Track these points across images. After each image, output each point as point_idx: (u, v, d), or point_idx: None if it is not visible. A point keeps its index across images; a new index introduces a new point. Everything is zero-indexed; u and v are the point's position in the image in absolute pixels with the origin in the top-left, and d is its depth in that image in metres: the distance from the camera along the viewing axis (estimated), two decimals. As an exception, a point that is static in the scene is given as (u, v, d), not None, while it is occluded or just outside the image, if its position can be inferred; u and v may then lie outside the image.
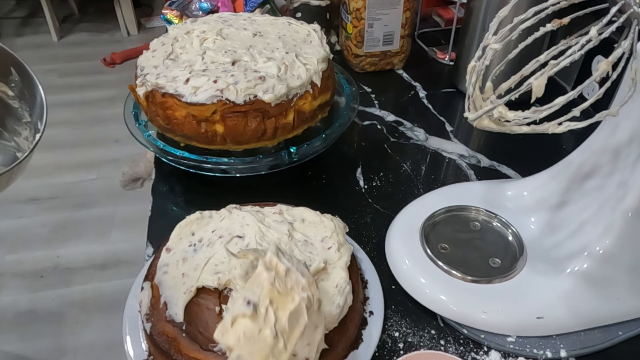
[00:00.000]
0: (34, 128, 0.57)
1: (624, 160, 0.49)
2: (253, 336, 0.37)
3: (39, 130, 0.55)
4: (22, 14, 3.13)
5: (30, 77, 0.56)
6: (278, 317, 0.38)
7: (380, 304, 0.52)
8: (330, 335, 0.44)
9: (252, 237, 0.50)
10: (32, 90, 0.57)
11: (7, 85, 0.57)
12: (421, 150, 0.76)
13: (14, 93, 0.57)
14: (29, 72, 0.56)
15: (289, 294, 0.39)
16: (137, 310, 0.49)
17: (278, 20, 0.73)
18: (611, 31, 0.37)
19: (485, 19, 0.78)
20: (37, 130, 0.56)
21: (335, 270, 0.48)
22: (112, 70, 2.64)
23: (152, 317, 0.46)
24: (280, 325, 0.38)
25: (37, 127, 0.56)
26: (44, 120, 0.55)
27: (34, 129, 0.57)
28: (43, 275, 1.63)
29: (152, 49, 0.67)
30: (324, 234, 0.52)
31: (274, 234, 0.51)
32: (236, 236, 0.50)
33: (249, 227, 0.51)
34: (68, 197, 1.89)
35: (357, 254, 0.56)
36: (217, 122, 0.60)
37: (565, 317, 0.50)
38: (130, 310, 0.51)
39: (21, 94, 0.57)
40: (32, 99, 0.57)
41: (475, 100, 0.45)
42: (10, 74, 0.56)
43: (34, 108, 0.57)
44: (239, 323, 0.37)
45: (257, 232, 0.50)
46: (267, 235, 0.50)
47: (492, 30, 0.43)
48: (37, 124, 0.56)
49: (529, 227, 0.57)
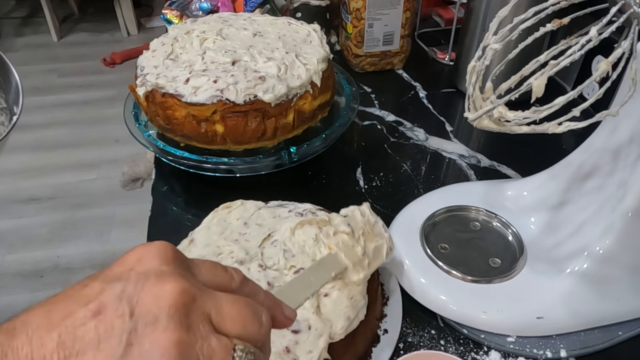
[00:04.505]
0: (10, 112, 0.57)
1: (624, 160, 0.49)
2: (348, 246, 0.44)
3: (15, 113, 0.56)
4: (22, 14, 3.13)
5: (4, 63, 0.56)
6: (367, 245, 0.46)
7: (397, 323, 0.51)
8: (336, 347, 0.44)
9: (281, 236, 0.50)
10: (7, 75, 0.57)
11: None
12: (421, 150, 0.76)
13: None
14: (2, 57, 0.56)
15: (375, 235, 0.47)
16: None
17: (278, 20, 0.73)
18: (611, 31, 0.37)
19: (485, 19, 0.78)
20: (14, 114, 0.56)
21: None
22: (112, 70, 2.64)
23: None
24: (368, 250, 0.45)
25: (12, 111, 0.56)
26: (20, 104, 0.56)
27: (10, 113, 0.57)
28: (43, 275, 1.63)
29: (152, 49, 0.67)
30: None
31: (300, 235, 0.50)
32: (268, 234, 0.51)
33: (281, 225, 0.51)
34: (68, 197, 1.89)
35: (384, 270, 0.55)
36: (217, 122, 0.60)
37: (565, 317, 0.50)
38: None
39: None
40: (7, 85, 0.57)
41: (475, 100, 0.45)
42: None
43: (9, 93, 0.57)
44: (338, 235, 0.45)
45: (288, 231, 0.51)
46: (295, 236, 0.50)
47: (492, 30, 0.43)
48: (13, 108, 0.57)
49: (529, 227, 0.57)
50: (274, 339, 0.42)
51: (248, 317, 0.27)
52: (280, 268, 0.48)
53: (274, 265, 0.48)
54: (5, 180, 1.92)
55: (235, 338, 0.26)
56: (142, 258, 0.26)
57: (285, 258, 0.48)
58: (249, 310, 0.28)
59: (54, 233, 1.76)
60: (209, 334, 0.25)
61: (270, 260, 0.49)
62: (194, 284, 0.26)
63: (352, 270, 0.43)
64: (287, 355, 0.42)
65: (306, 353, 0.42)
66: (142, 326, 0.24)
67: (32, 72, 2.53)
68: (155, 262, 0.26)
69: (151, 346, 0.23)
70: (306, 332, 0.43)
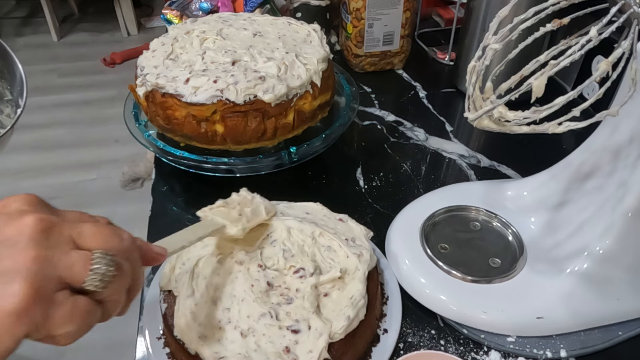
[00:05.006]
0: (15, 105, 0.58)
1: (624, 160, 0.49)
2: (223, 212, 0.49)
3: (20, 106, 0.56)
4: (22, 14, 3.13)
5: (8, 55, 0.57)
6: (243, 210, 0.50)
7: (397, 322, 0.51)
8: (336, 347, 0.44)
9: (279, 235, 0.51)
10: (12, 68, 0.57)
11: None
12: (421, 150, 0.76)
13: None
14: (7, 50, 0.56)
15: (253, 204, 0.51)
16: None
17: (278, 20, 0.73)
18: (611, 31, 0.37)
19: (485, 19, 0.78)
20: (19, 106, 0.57)
21: (353, 282, 0.47)
22: (112, 70, 2.64)
23: (167, 298, 0.48)
24: (245, 212, 0.50)
25: (18, 104, 0.57)
26: (24, 96, 0.56)
27: (15, 105, 0.58)
28: (43, 275, 1.63)
29: (152, 49, 0.67)
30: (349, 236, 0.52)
31: (298, 235, 0.51)
32: None
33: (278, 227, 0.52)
34: (68, 197, 1.89)
35: (385, 270, 0.55)
36: (217, 122, 0.60)
37: (565, 317, 0.50)
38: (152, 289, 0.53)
39: (1, 73, 0.58)
40: (12, 77, 0.58)
41: (475, 100, 0.45)
42: None
43: (14, 86, 0.58)
44: (214, 209, 0.49)
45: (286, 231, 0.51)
46: (292, 235, 0.51)
47: (492, 30, 0.43)
48: (17, 100, 0.57)
49: (529, 227, 0.57)
50: (274, 339, 0.43)
51: (107, 233, 0.30)
52: (280, 268, 0.48)
53: (273, 265, 0.48)
54: (5, 180, 1.92)
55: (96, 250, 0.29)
56: (7, 204, 0.30)
57: (285, 258, 0.48)
58: (108, 229, 0.31)
59: (54, 233, 1.76)
60: (69, 250, 0.28)
61: (269, 260, 0.49)
62: (55, 217, 0.29)
63: (230, 225, 0.48)
64: (287, 355, 0.42)
65: (306, 353, 0.42)
66: (5, 249, 0.27)
67: (32, 72, 2.52)
68: (18, 204, 0.30)
69: (12, 262, 0.26)
70: (306, 332, 0.43)
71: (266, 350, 0.42)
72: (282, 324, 0.44)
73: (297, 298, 0.45)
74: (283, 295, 0.46)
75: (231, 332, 0.44)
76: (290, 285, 0.47)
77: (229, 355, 0.42)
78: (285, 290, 0.46)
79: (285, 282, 0.47)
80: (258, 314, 0.44)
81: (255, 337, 0.43)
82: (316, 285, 0.46)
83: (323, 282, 0.47)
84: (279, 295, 0.46)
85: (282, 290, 0.46)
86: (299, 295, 0.46)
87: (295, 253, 0.49)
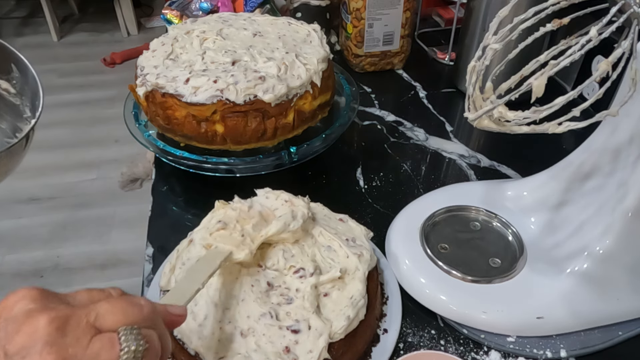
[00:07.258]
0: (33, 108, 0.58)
1: (624, 160, 0.49)
2: (225, 237, 0.47)
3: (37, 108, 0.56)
4: (22, 14, 3.13)
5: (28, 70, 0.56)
6: (244, 228, 0.48)
7: (397, 322, 0.51)
8: (336, 347, 0.44)
9: None
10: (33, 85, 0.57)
11: (9, 82, 0.57)
12: (421, 150, 0.76)
13: (16, 90, 0.58)
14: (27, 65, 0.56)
15: (252, 217, 0.49)
16: None
17: (278, 20, 0.73)
18: (611, 31, 0.37)
19: (485, 19, 0.78)
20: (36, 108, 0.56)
21: (353, 282, 0.47)
22: (112, 70, 2.64)
23: None
24: (246, 231, 0.47)
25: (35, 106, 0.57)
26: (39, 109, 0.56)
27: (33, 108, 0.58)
28: (43, 275, 1.63)
29: (152, 49, 0.67)
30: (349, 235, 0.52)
31: None
32: None
33: None
34: (68, 197, 1.89)
35: (385, 270, 0.55)
36: (217, 122, 0.60)
37: (565, 317, 0.50)
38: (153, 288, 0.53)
39: (22, 90, 0.57)
40: (32, 94, 0.57)
41: (475, 100, 0.45)
42: (12, 71, 0.56)
43: (34, 102, 0.57)
44: (214, 234, 0.47)
45: None
46: None
47: (492, 30, 0.43)
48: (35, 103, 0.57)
49: (529, 227, 0.57)
50: (274, 339, 0.43)
51: (125, 306, 0.28)
52: (280, 268, 0.48)
53: (273, 265, 0.48)
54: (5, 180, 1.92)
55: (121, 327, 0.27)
56: (8, 305, 0.27)
57: (285, 258, 0.48)
58: (123, 301, 0.29)
59: (54, 233, 1.76)
60: (90, 340, 0.26)
61: (269, 260, 0.49)
62: (65, 308, 0.27)
63: (237, 251, 0.46)
64: (287, 355, 0.42)
65: (306, 353, 0.42)
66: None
67: (32, 72, 2.53)
68: (22, 303, 0.27)
69: None
70: (306, 332, 0.43)
71: (266, 350, 0.42)
72: (282, 324, 0.44)
73: (297, 298, 0.45)
74: (283, 295, 0.46)
75: (231, 332, 0.44)
76: (290, 285, 0.47)
77: (229, 355, 0.42)
78: (285, 290, 0.46)
79: (285, 282, 0.47)
80: (258, 314, 0.44)
81: (255, 337, 0.43)
82: (316, 285, 0.46)
83: (323, 282, 0.47)
84: (279, 295, 0.46)
85: (282, 290, 0.46)
86: (299, 295, 0.46)
87: (295, 253, 0.49)
